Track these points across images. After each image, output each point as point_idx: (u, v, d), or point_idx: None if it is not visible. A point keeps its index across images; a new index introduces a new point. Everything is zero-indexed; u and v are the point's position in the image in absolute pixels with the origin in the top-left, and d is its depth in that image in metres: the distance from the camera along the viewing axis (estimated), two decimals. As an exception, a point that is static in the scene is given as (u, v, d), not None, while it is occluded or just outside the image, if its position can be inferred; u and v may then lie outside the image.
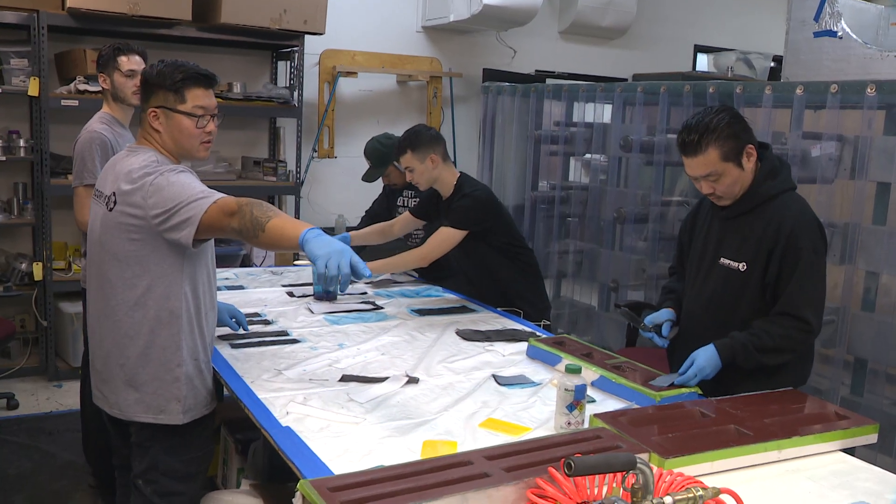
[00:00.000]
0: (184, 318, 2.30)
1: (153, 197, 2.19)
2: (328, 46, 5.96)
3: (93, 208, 2.43)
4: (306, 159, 5.93)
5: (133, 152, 2.35)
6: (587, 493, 1.64)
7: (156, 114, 2.31)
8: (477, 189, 3.53)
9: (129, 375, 2.30)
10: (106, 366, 2.36)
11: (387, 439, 2.06)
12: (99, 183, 2.44)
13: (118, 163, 2.36)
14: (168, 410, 2.31)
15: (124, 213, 2.24)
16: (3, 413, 4.42)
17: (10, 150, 4.80)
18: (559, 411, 2.13)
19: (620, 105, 4.96)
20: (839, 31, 4.23)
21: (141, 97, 2.37)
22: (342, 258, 2.01)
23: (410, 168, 3.50)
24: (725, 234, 2.65)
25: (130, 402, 2.32)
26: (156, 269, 2.25)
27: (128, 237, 2.25)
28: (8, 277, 4.89)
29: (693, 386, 2.42)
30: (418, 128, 3.58)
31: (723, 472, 1.90)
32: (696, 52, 7.89)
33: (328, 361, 2.66)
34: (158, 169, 2.24)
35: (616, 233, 5.13)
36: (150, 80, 2.31)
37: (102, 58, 3.46)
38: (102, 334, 2.36)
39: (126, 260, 2.26)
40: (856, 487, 1.87)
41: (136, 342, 2.28)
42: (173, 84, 2.28)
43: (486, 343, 2.97)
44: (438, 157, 3.49)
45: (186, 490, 2.40)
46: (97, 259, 2.35)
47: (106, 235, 2.30)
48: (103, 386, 2.39)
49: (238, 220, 2.13)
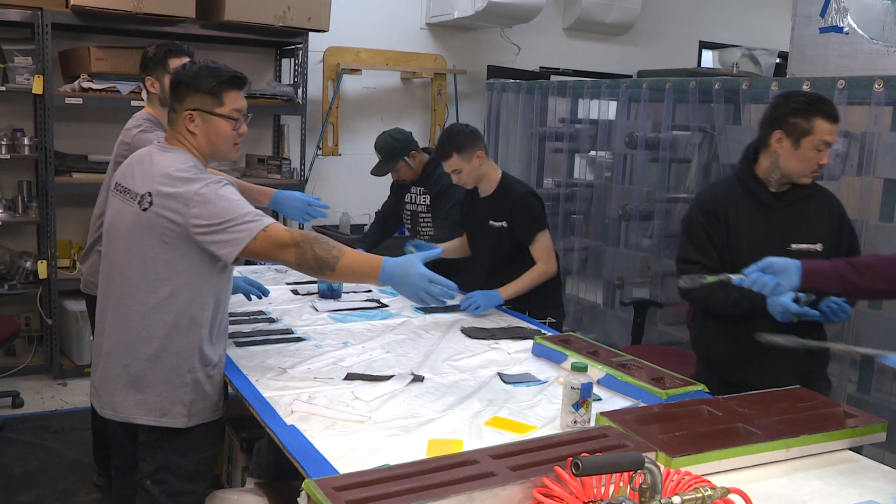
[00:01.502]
0: (204, 327, 2.29)
1: (197, 207, 2.17)
2: (332, 44, 5.95)
3: (114, 203, 2.37)
4: (310, 157, 5.92)
5: (164, 150, 2.32)
6: (594, 493, 1.63)
7: (191, 116, 2.29)
8: (525, 188, 3.53)
9: (134, 377, 2.27)
10: (107, 363, 2.32)
11: (392, 438, 2.05)
12: (122, 178, 2.38)
13: (148, 161, 2.32)
14: (172, 413, 2.28)
15: (160, 215, 2.21)
16: (9, 411, 4.43)
17: (14, 149, 4.80)
18: (565, 409, 2.12)
19: (625, 102, 4.94)
20: (845, 26, 4.20)
21: (172, 98, 2.34)
22: (423, 285, 2.22)
23: (457, 170, 3.45)
24: (790, 220, 2.67)
25: (129, 403, 2.28)
26: (183, 275, 2.23)
27: (160, 240, 2.21)
28: (13, 276, 4.89)
29: None
30: (457, 128, 3.51)
31: (730, 471, 1.89)
32: (701, 49, 7.86)
33: (333, 360, 2.65)
34: (201, 177, 2.23)
35: (621, 230, 5.12)
36: (185, 81, 2.29)
37: (151, 60, 3.25)
38: (109, 331, 2.33)
39: (153, 262, 2.23)
40: (864, 486, 1.86)
41: (148, 345, 2.25)
42: (211, 88, 2.27)
43: (491, 341, 2.96)
44: (483, 153, 3.46)
45: (195, 489, 2.39)
46: (118, 256, 2.31)
47: (136, 235, 2.25)
48: (100, 384, 2.36)
49: (295, 256, 2.20)
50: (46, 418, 4.39)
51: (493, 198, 3.52)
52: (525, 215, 3.43)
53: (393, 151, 4.00)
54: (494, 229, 3.50)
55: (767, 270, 2.26)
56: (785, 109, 2.61)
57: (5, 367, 4.91)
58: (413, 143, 4.05)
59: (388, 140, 4.03)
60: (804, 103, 2.58)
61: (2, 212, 4.84)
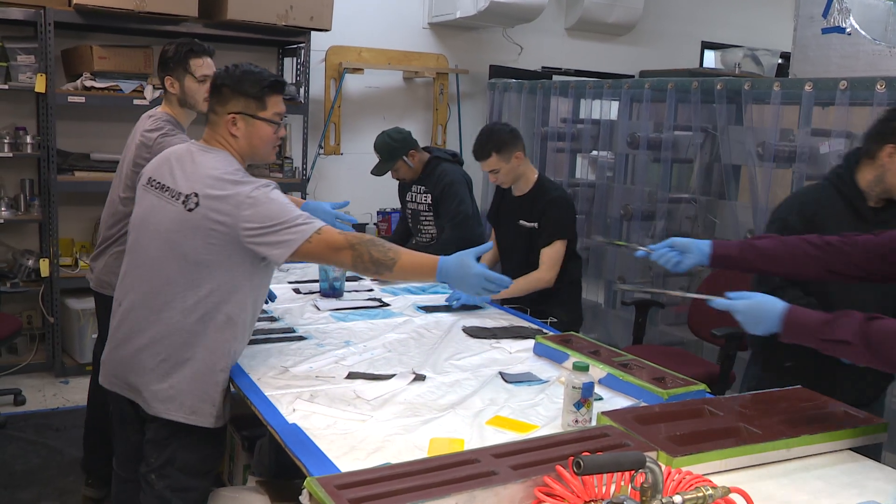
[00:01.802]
0: (239, 326, 2.32)
1: (249, 210, 2.20)
2: (334, 43, 5.95)
3: (148, 199, 2.37)
4: (312, 156, 5.92)
5: (206, 151, 2.35)
6: (595, 492, 1.63)
7: (234, 119, 2.32)
8: (560, 192, 3.50)
9: (168, 371, 2.28)
10: (139, 356, 2.31)
11: (394, 437, 2.05)
12: (157, 174, 2.39)
13: (190, 160, 2.33)
14: (201, 412, 2.29)
15: (208, 217, 2.22)
16: (10, 409, 4.43)
17: (16, 147, 4.81)
18: (566, 409, 2.12)
19: (627, 102, 4.95)
20: (848, 27, 4.20)
21: (213, 100, 2.36)
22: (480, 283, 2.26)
23: (495, 170, 3.43)
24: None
25: (161, 398, 2.28)
26: (225, 274, 2.25)
27: (205, 241, 2.23)
28: (15, 274, 4.89)
29: None
30: (497, 127, 3.48)
31: (731, 471, 1.89)
32: (704, 49, 7.86)
33: (335, 358, 2.65)
34: (250, 180, 2.26)
35: (623, 230, 5.13)
36: (229, 85, 2.32)
37: (171, 59, 3.15)
38: (144, 326, 2.31)
39: (197, 262, 2.24)
40: (866, 486, 1.86)
41: (184, 341, 2.27)
42: (255, 92, 2.31)
43: (492, 340, 2.96)
44: (522, 153, 3.44)
45: (199, 486, 2.40)
46: (153, 252, 2.31)
47: (179, 234, 2.26)
48: (132, 375, 2.34)
49: (351, 259, 2.24)
50: (48, 416, 4.40)
51: (527, 198, 3.51)
52: (553, 218, 3.42)
53: (391, 151, 4.00)
54: (525, 229, 3.49)
55: (674, 247, 2.41)
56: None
57: (7, 364, 4.92)
58: (411, 143, 4.06)
59: (387, 140, 4.03)
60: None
61: (4, 210, 4.85)
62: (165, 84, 3.18)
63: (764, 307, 2.09)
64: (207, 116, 2.40)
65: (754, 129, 4.06)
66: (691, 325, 4.16)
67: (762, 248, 2.38)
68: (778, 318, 2.06)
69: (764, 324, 2.09)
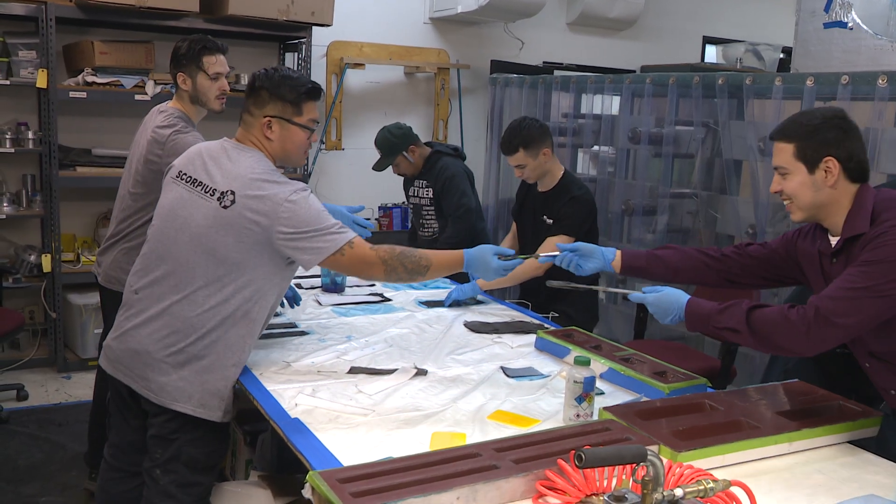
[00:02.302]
0: (256, 323, 2.33)
1: (287, 213, 2.22)
2: (336, 38, 5.95)
3: (177, 192, 2.37)
4: (314, 151, 5.92)
5: (241, 150, 2.36)
6: (596, 486, 1.64)
7: (270, 123, 2.35)
8: (583, 191, 3.47)
9: (180, 363, 2.27)
10: (150, 345, 2.30)
11: (395, 431, 2.06)
12: (189, 168, 2.39)
13: (226, 157, 2.35)
14: (209, 406, 2.29)
15: (244, 216, 2.23)
16: (13, 404, 4.44)
17: (18, 142, 4.81)
18: (568, 403, 2.13)
19: (629, 97, 4.94)
20: (849, 21, 4.19)
21: (249, 101, 2.37)
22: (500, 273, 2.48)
23: (521, 165, 3.41)
24: None
25: (170, 389, 2.27)
26: (250, 272, 2.26)
27: (237, 239, 2.24)
28: (17, 269, 4.90)
29: None
30: (526, 122, 3.43)
31: (733, 465, 1.89)
32: (705, 44, 7.85)
33: (336, 353, 2.66)
34: (286, 181, 2.28)
35: (624, 225, 5.12)
36: (267, 88, 2.34)
37: (184, 56, 3.12)
38: (159, 315, 2.30)
39: (224, 259, 2.25)
40: (865, 480, 1.87)
41: (203, 334, 2.26)
42: (292, 98, 2.34)
43: (494, 335, 2.97)
44: (550, 150, 3.42)
45: (203, 481, 2.39)
46: (179, 244, 2.30)
47: (210, 230, 2.26)
48: (139, 364, 2.32)
49: (384, 273, 2.33)
50: (50, 411, 4.41)
51: (551, 194, 3.50)
52: (567, 214, 3.40)
53: (391, 147, 4.00)
54: (546, 226, 3.48)
55: (575, 252, 2.58)
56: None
57: (10, 360, 4.93)
58: (412, 138, 4.05)
59: (387, 136, 4.02)
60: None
61: (6, 205, 4.85)
62: (178, 80, 3.15)
63: (670, 299, 2.31)
64: (242, 117, 2.41)
65: (756, 124, 4.05)
66: (692, 320, 4.15)
67: (665, 260, 2.54)
68: (681, 309, 2.28)
69: (671, 314, 2.31)
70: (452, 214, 3.99)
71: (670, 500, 1.46)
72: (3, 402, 4.37)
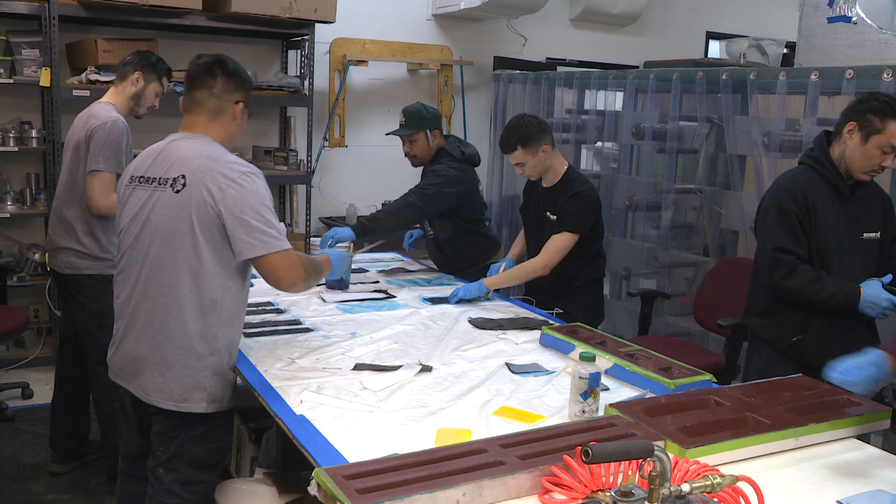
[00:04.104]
0: (224, 309, 2.31)
1: (234, 190, 2.24)
2: (338, 35, 5.95)
3: (139, 195, 2.37)
4: (317, 148, 5.92)
5: (190, 138, 2.38)
6: (602, 482, 1.64)
7: (242, 107, 2.44)
8: (587, 186, 3.44)
9: (160, 359, 2.29)
10: (137, 345, 2.34)
11: (401, 427, 2.06)
12: (142, 170, 2.40)
13: (172, 149, 2.36)
14: (192, 399, 2.29)
15: (194, 197, 2.24)
16: (18, 402, 4.45)
17: (22, 141, 4.81)
18: (573, 399, 2.13)
19: (632, 92, 4.93)
20: (853, 16, 4.18)
21: (219, 86, 2.38)
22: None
23: (521, 163, 3.39)
24: (860, 209, 2.83)
25: (154, 386, 2.30)
26: (211, 256, 2.26)
27: (191, 223, 2.24)
28: (21, 268, 4.91)
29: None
30: (523, 120, 3.39)
31: (740, 461, 1.89)
32: (708, 39, 7.83)
33: (341, 350, 2.66)
34: (234, 159, 2.33)
35: (628, 221, 5.12)
36: (243, 76, 2.45)
37: (151, 63, 3.48)
38: (138, 315, 2.33)
39: (181, 242, 2.25)
40: (872, 475, 1.87)
41: (173, 326, 2.27)
42: (249, 86, 2.49)
43: (498, 331, 2.97)
44: (549, 146, 3.40)
45: (207, 479, 2.40)
46: (147, 242, 2.31)
47: (169, 219, 2.27)
48: (132, 365, 2.36)
49: (303, 279, 2.39)
50: (56, 409, 4.41)
51: (554, 190, 3.48)
52: (569, 210, 3.37)
53: (420, 120, 3.82)
54: (550, 222, 3.47)
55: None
56: (865, 105, 2.72)
57: (14, 358, 4.94)
58: (440, 123, 3.94)
59: (421, 108, 3.87)
60: (885, 104, 2.69)
61: (10, 204, 4.86)
62: (131, 76, 3.45)
63: (865, 371, 2.11)
64: (199, 103, 2.39)
65: (760, 119, 4.04)
66: (697, 316, 4.16)
67: None
68: (881, 368, 2.10)
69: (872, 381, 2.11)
70: (409, 191, 3.79)
71: (677, 494, 1.45)
72: (9, 401, 4.38)
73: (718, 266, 4.21)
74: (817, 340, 2.81)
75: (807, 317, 2.82)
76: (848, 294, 2.71)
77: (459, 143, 3.91)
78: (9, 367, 4.88)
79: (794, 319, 2.85)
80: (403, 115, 3.88)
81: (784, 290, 2.81)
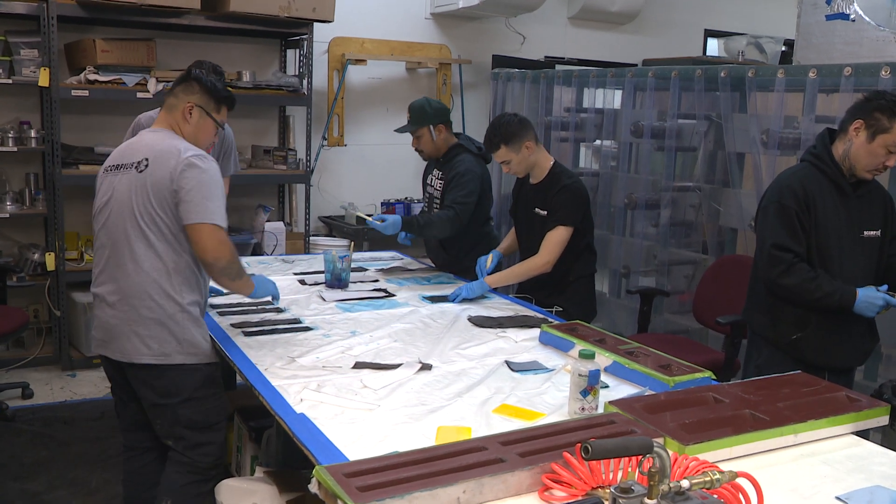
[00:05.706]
0: (182, 269, 2.54)
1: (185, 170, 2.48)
2: (337, 34, 5.95)
3: (109, 181, 2.62)
4: (316, 147, 5.92)
5: (158, 131, 2.66)
6: (602, 478, 1.64)
7: (192, 109, 2.64)
8: (573, 180, 3.48)
9: (133, 320, 2.51)
10: (113, 313, 2.55)
11: (401, 425, 2.06)
12: (114, 161, 2.66)
13: (138, 140, 2.67)
14: (168, 354, 2.52)
15: (154, 174, 2.50)
16: (19, 402, 4.45)
17: (21, 141, 4.82)
18: (573, 397, 2.13)
19: (631, 91, 4.94)
20: (851, 13, 4.19)
21: (180, 87, 2.66)
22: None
23: (507, 161, 3.44)
24: (861, 207, 2.85)
25: (133, 346, 2.52)
26: (170, 226, 2.50)
27: (149, 197, 2.49)
28: (21, 268, 4.91)
29: None
30: (505, 118, 3.46)
31: (739, 458, 1.89)
32: (707, 37, 7.83)
33: (341, 349, 2.67)
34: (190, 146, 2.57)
35: (627, 219, 5.13)
36: (201, 81, 2.66)
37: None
38: (110, 285, 2.56)
39: (142, 214, 2.50)
40: (871, 471, 1.87)
41: (143, 290, 2.50)
42: (219, 98, 2.69)
43: (498, 329, 2.97)
44: (532, 142, 3.44)
45: (213, 440, 2.62)
46: (117, 218, 2.55)
47: (134, 195, 2.51)
48: (109, 333, 2.58)
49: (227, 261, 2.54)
50: (56, 409, 4.42)
51: (541, 186, 3.50)
52: (560, 204, 3.40)
53: (423, 115, 3.85)
54: (539, 217, 3.48)
55: None
56: (874, 103, 2.73)
57: (15, 358, 4.94)
58: (444, 118, 3.92)
59: (424, 104, 3.89)
60: (894, 103, 2.70)
61: (9, 204, 4.86)
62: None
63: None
64: (166, 100, 2.70)
65: (758, 117, 4.04)
66: (696, 313, 4.16)
67: None
68: None
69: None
70: (449, 204, 3.88)
71: (676, 491, 1.46)
72: (9, 401, 4.38)
73: (717, 264, 4.22)
74: (816, 338, 2.83)
75: (806, 315, 2.83)
76: (844, 295, 2.74)
77: (471, 140, 3.95)
78: (9, 367, 4.88)
79: (794, 317, 2.86)
80: (409, 111, 3.92)
81: (780, 287, 2.83)
